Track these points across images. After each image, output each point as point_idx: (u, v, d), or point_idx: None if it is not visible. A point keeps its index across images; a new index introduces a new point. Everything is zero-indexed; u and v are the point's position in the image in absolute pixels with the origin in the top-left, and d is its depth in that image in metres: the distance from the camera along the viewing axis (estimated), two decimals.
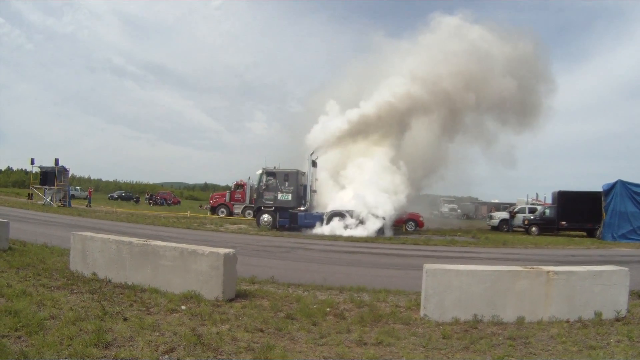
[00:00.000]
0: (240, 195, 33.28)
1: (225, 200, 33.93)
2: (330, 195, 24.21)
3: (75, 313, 5.43)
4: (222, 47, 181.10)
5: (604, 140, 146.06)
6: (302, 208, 23.03)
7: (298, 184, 23.27)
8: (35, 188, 34.57)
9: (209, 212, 34.12)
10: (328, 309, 6.55)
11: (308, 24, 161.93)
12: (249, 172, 32.64)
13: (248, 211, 32.23)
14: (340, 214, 22.24)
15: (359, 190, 23.12)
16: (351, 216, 21.98)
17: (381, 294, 7.77)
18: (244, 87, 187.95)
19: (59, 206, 31.28)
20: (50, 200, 31.74)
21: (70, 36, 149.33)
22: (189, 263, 6.92)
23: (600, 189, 23.66)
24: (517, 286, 6.22)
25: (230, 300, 6.78)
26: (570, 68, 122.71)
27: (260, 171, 23.88)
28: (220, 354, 4.51)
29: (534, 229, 27.45)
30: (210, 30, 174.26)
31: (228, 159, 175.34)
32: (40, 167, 33.61)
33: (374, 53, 29.51)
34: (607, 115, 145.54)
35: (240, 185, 33.62)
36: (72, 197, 39.79)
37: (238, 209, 32.92)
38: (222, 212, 33.20)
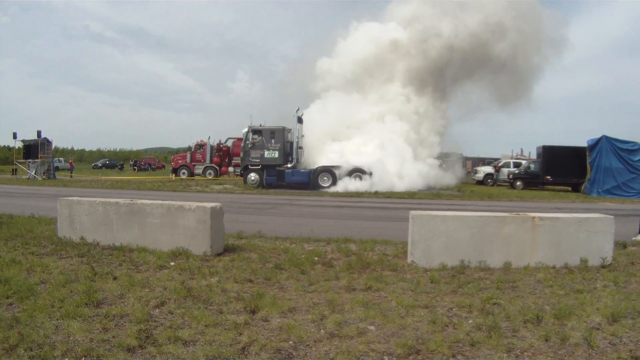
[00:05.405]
0: (200, 156, 32.77)
1: (186, 161, 33.33)
2: (319, 152, 24.08)
3: (65, 276, 5.37)
4: (201, 6, 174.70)
5: (590, 96, 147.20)
6: (289, 165, 22.94)
7: (284, 141, 23.05)
8: (19, 162, 33.70)
9: (171, 174, 33.45)
10: (316, 258, 6.60)
11: None
12: (233, 131, 31.89)
13: (209, 171, 32.15)
14: (328, 170, 22.26)
15: (349, 146, 23.11)
16: (339, 172, 22.02)
17: (368, 243, 7.84)
18: (225, 47, 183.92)
19: (44, 179, 30.68)
20: (35, 173, 31.05)
21: (45, 5, 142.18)
22: (176, 219, 6.84)
23: (585, 145, 23.81)
24: (503, 232, 6.27)
25: (219, 254, 6.77)
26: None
27: (246, 129, 23.47)
28: (210, 305, 4.51)
29: (518, 183, 27.77)
30: None
31: (211, 120, 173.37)
32: (23, 140, 32.62)
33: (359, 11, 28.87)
34: (593, 72, 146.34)
35: (200, 146, 32.99)
36: (57, 169, 39.29)
37: (199, 169, 32.56)
38: (184, 173, 32.80)
